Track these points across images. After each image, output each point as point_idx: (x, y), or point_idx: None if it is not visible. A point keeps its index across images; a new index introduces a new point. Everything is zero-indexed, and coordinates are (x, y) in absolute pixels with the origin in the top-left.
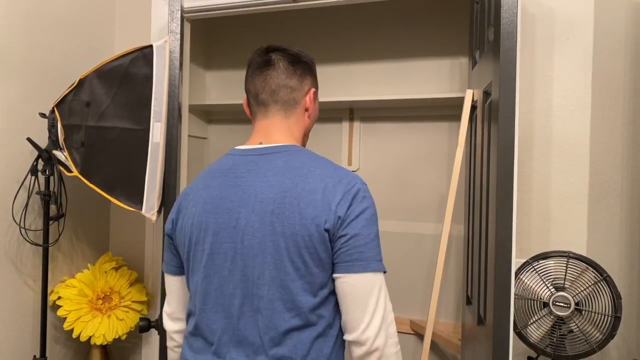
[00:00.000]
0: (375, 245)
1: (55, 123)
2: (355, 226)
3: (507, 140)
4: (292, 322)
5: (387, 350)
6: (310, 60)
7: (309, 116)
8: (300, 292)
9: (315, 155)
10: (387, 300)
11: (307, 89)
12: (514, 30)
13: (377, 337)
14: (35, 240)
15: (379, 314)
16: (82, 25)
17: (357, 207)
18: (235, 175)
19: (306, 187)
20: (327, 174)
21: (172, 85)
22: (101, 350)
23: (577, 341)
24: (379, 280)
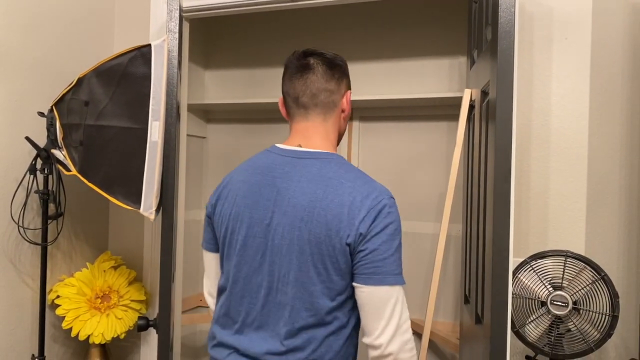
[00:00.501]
0: (394, 259)
1: (54, 122)
2: (376, 242)
3: (504, 140)
4: (308, 320)
5: (402, 355)
6: (344, 63)
7: (344, 118)
8: (319, 295)
9: (348, 166)
10: (404, 310)
11: (344, 91)
12: (512, 29)
13: (390, 343)
14: (34, 239)
15: (394, 322)
16: (81, 24)
17: (380, 224)
18: (273, 175)
19: (335, 200)
20: (356, 187)
21: (170, 84)
22: (100, 349)
23: (574, 340)
24: (396, 293)
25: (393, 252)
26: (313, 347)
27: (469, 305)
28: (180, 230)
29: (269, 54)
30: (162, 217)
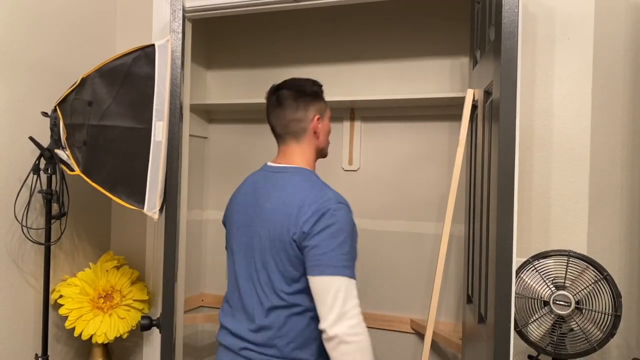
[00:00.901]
0: (335, 254)
1: (58, 122)
2: (317, 239)
3: (508, 140)
4: (274, 302)
5: (346, 338)
6: (313, 90)
7: (317, 137)
8: (279, 282)
9: (309, 177)
10: (349, 298)
11: (312, 116)
12: (515, 29)
13: (333, 327)
14: (37, 239)
15: (336, 309)
16: (84, 24)
17: (322, 224)
18: (256, 187)
19: (290, 203)
20: (309, 194)
21: (174, 85)
22: (102, 349)
23: (577, 340)
24: (337, 282)
25: (334, 248)
26: (278, 325)
27: (472, 305)
28: (182, 230)
29: (271, 54)
30: (166, 217)
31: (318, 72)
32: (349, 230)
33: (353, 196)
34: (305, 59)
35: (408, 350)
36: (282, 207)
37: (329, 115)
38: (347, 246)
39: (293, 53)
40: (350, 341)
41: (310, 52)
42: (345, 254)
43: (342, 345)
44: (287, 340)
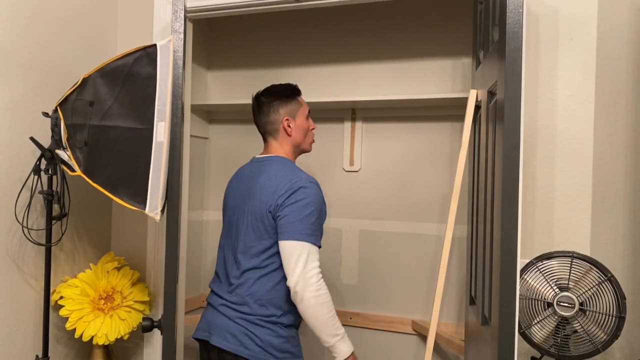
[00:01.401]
0: (302, 224)
1: (59, 122)
2: (288, 210)
3: (512, 141)
4: (248, 265)
5: (305, 294)
6: (284, 94)
7: (289, 135)
8: (254, 248)
9: (286, 163)
10: (310, 260)
11: (282, 118)
12: (520, 30)
13: (296, 284)
14: (38, 240)
15: (299, 269)
16: (85, 24)
17: (293, 198)
18: (245, 174)
19: (269, 183)
20: (285, 175)
21: (175, 85)
22: (103, 350)
23: (581, 341)
24: (300, 247)
25: (302, 218)
26: (249, 284)
27: (475, 307)
28: (183, 231)
29: (272, 54)
30: (167, 218)
31: (319, 73)
32: (317, 205)
33: (354, 197)
34: (306, 59)
35: (410, 352)
36: (263, 186)
37: (304, 114)
38: (313, 218)
39: (294, 53)
40: (310, 297)
41: (312, 53)
42: (311, 224)
43: (304, 300)
44: (255, 298)
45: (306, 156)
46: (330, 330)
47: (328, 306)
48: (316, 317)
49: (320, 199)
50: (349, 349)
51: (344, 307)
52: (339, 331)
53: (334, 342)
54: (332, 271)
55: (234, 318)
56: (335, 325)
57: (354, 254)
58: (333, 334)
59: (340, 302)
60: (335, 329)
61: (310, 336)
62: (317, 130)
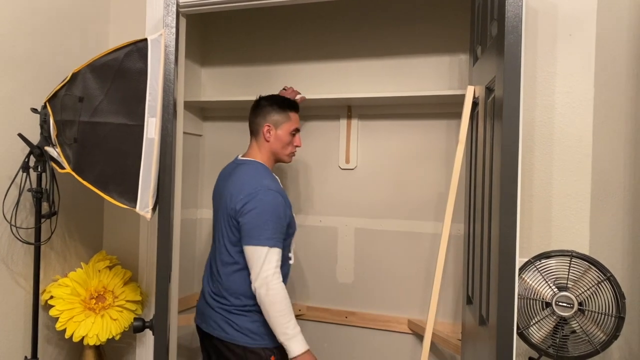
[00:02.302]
0: (259, 230)
1: (48, 118)
2: (246, 218)
3: (511, 137)
4: (223, 261)
5: (260, 292)
6: (280, 106)
7: (267, 141)
8: (228, 244)
9: (257, 169)
10: (267, 262)
11: (264, 123)
12: (519, 24)
13: (254, 283)
14: (27, 239)
15: (256, 269)
16: (76, 18)
17: (249, 206)
18: (226, 175)
19: (236, 187)
20: (248, 181)
21: (167, 80)
22: (95, 351)
23: (579, 342)
24: (258, 250)
25: (259, 225)
26: (224, 279)
27: (472, 306)
28: (176, 229)
29: (267, 51)
30: (159, 216)
31: (314, 69)
32: (273, 212)
33: (350, 195)
34: (302, 55)
35: (406, 351)
36: (230, 190)
37: (288, 129)
38: (271, 223)
39: (290, 50)
40: (263, 294)
41: (307, 49)
42: (268, 229)
43: (259, 297)
44: (230, 291)
45: (302, 154)
46: (281, 328)
47: (280, 306)
48: (268, 313)
49: (276, 206)
50: (300, 348)
51: (339, 306)
52: (289, 330)
53: (284, 340)
54: (327, 270)
55: (215, 307)
56: (286, 325)
57: (349, 252)
58: (282, 332)
59: (336, 301)
60: (286, 328)
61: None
62: (312, 127)
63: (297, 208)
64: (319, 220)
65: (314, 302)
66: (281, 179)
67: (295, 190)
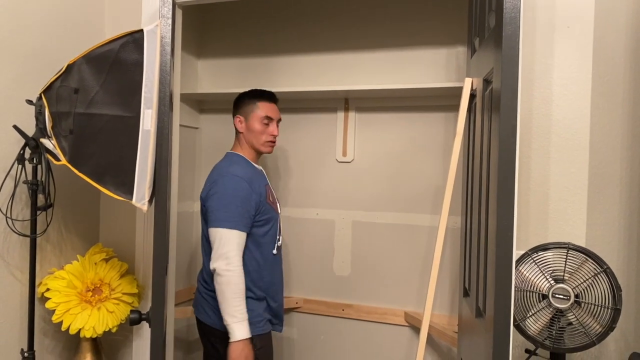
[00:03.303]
0: (220, 213)
1: (43, 110)
2: (210, 201)
3: (508, 129)
4: (205, 247)
5: (219, 272)
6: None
7: (240, 132)
8: (205, 231)
9: (230, 159)
10: (225, 245)
11: (235, 117)
12: (517, 15)
13: (213, 262)
14: (23, 231)
15: (215, 251)
16: (71, 9)
17: (213, 190)
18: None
19: (208, 179)
20: (217, 171)
21: (163, 72)
22: (91, 343)
23: (576, 334)
24: (218, 232)
25: (219, 208)
26: (206, 265)
27: (469, 299)
28: (173, 222)
29: (264, 43)
30: (155, 208)
31: (312, 61)
32: (233, 194)
33: (347, 188)
34: (299, 47)
35: (402, 343)
36: (207, 180)
37: (257, 117)
38: (232, 206)
39: (287, 42)
40: (221, 275)
41: (304, 41)
42: (228, 212)
43: (216, 277)
44: (210, 277)
45: (299, 147)
46: (231, 310)
47: (234, 287)
48: (222, 293)
49: (239, 190)
50: (242, 334)
51: (336, 299)
52: (237, 314)
53: (230, 322)
54: (324, 262)
55: (202, 293)
56: (236, 308)
57: (346, 245)
58: (232, 314)
59: (333, 294)
60: (236, 311)
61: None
62: (309, 120)
63: (294, 201)
64: (316, 213)
65: (310, 295)
66: (278, 172)
67: (293, 183)
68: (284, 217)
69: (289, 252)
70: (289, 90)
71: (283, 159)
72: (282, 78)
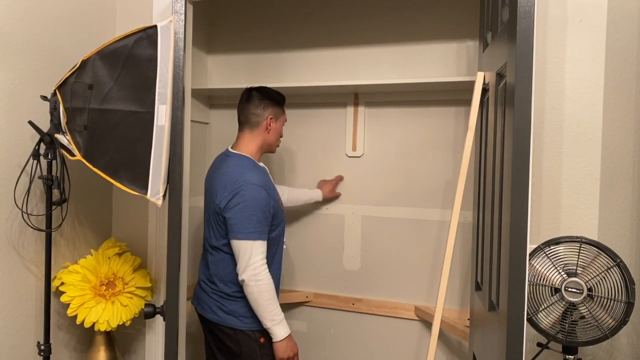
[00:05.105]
0: (244, 224)
1: (57, 106)
2: (230, 212)
3: (522, 123)
4: (209, 250)
5: (249, 282)
6: (276, 99)
7: (268, 132)
8: (214, 236)
9: (242, 163)
10: (253, 255)
11: (267, 115)
12: (532, 9)
13: (242, 274)
14: (38, 226)
15: (244, 262)
16: (83, 5)
17: (233, 202)
18: (214, 167)
19: (221, 182)
20: (233, 176)
21: (177, 67)
22: (105, 337)
23: (588, 327)
24: (244, 244)
25: (243, 219)
26: (213, 266)
27: (481, 293)
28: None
29: (273, 38)
30: (169, 203)
31: (321, 56)
32: (257, 205)
33: (357, 182)
34: (308, 42)
35: (413, 337)
36: (217, 184)
37: (282, 121)
38: (255, 217)
39: (295, 37)
40: (252, 285)
41: (313, 36)
42: (252, 223)
43: (247, 288)
44: (219, 278)
45: (309, 141)
46: (269, 315)
47: (267, 294)
48: (256, 301)
49: (259, 200)
50: (284, 333)
51: (346, 293)
52: (276, 317)
53: (271, 326)
54: (334, 257)
55: (209, 293)
56: (273, 312)
57: (356, 240)
58: (270, 318)
59: (343, 288)
60: (273, 315)
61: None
62: (319, 115)
63: None
64: (326, 208)
65: (321, 289)
66: (287, 167)
67: (302, 177)
68: (294, 211)
69: (300, 247)
70: (299, 85)
71: (293, 153)
72: (292, 73)
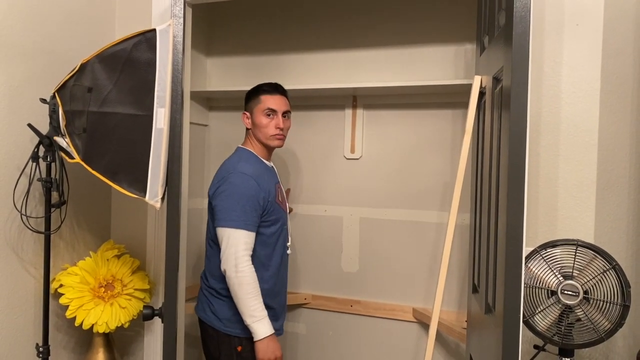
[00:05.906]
0: (228, 212)
1: (57, 109)
2: (217, 200)
3: (519, 127)
4: (206, 244)
5: (229, 273)
6: (249, 93)
7: (248, 128)
8: (210, 227)
9: (239, 155)
10: (232, 244)
11: (243, 112)
12: (528, 13)
13: (223, 263)
14: (37, 228)
15: (224, 251)
16: (82, 8)
17: (221, 189)
18: None
19: (215, 175)
20: (227, 167)
21: (175, 71)
22: (104, 338)
23: (584, 330)
24: (227, 231)
25: (227, 207)
26: (207, 260)
27: (478, 295)
28: (183, 219)
29: (272, 40)
30: (168, 206)
31: (320, 59)
32: (243, 193)
33: (355, 185)
34: (307, 45)
35: (411, 339)
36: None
37: (259, 110)
38: (239, 205)
39: (294, 39)
40: (232, 275)
41: (312, 39)
42: (236, 211)
43: (228, 280)
44: (211, 273)
45: (307, 144)
46: (248, 310)
47: (248, 287)
48: (236, 295)
49: (247, 188)
50: (264, 332)
51: (344, 295)
52: (256, 313)
53: (251, 322)
54: (333, 259)
55: (203, 289)
56: (254, 307)
57: (354, 241)
58: (250, 314)
59: (341, 290)
60: (253, 310)
61: None
62: (317, 117)
63: (303, 197)
64: (324, 210)
65: (319, 291)
66: (286, 169)
67: (301, 179)
68: (292, 213)
69: (298, 249)
70: (297, 87)
71: (291, 156)
72: (290, 75)
